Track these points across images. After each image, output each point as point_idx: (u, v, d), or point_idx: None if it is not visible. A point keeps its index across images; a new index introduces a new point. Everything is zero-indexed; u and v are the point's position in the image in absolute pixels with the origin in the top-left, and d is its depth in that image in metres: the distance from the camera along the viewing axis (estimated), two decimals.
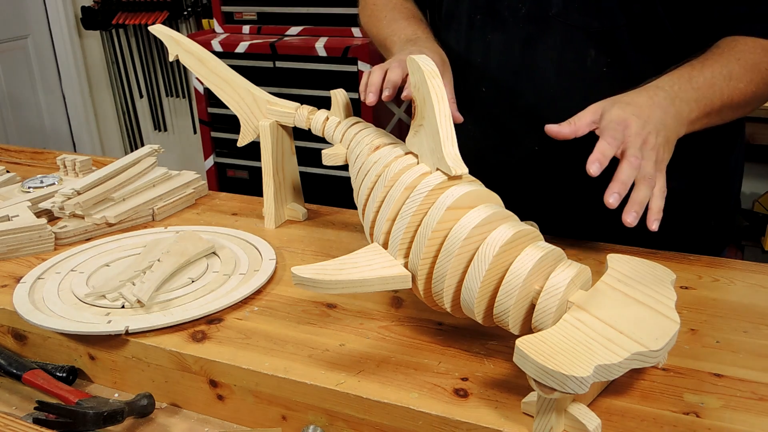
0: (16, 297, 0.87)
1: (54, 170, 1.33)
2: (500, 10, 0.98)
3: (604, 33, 0.92)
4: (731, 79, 0.82)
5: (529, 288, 0.66)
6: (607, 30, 0.92)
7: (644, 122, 0.74)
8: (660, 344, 0.59)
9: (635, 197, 0.70)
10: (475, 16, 1.02)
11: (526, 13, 0.96)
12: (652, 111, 0.76)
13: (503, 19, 0.98)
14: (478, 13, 1.01)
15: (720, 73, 0.82)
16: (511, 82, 1.00)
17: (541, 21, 0.95)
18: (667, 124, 0.76)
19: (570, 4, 0.93)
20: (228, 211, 1.16)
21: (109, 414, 0.71)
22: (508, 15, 0.98)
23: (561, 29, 0.94)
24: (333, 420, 0.71)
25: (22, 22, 3.37)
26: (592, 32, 0.92)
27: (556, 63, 0.96)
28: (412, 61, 0.77)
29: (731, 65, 0.83)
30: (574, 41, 0.94)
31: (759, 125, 2.13)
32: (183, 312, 0.82)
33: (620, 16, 0.90)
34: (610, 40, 0.92)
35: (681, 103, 0.79)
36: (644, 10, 0.89)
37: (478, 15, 1.01)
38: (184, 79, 3.37)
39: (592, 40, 0.93)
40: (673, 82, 0.80)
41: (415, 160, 0.80)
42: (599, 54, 0.93)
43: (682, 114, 0.78)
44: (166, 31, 1.08)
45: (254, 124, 1.07)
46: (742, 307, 0.82)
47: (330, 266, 0.71)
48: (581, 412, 0.61)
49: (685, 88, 0.80)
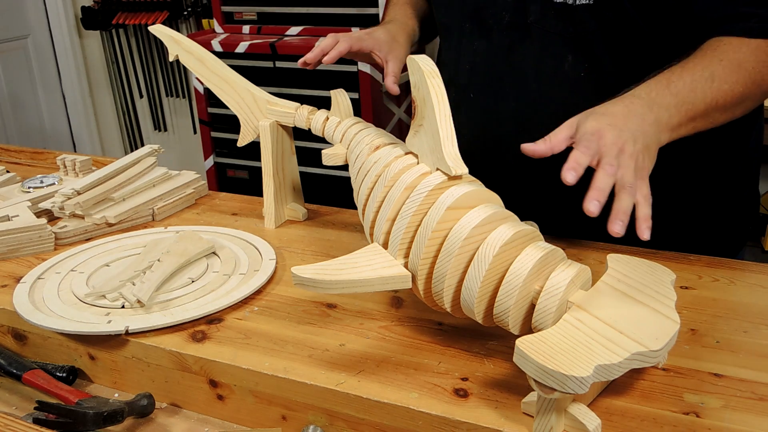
0: (16, 297, 0.87)
1: (54, 170, 1.33)
2: (486, 19, 1.02)
3: (580, 38, 0.94)
4: (714, 81, 0.80)
5: (529, 288, 0.66)
6: (581, 35, 0.93)
7: (620, 131, 0.73)
8: (660, 344, 0.59)
9: (618, 207, 0.69)
10: (464, 25, 1.05)
11: (508, 21, 0.99)
12: (628, 120, 0.75)
13: (489, 27, 1.02)
14: (466, 23, 1.05)
15: (701, 76, 0.80)
16: (496, 88, 1.03)
17: (522, 28, 0.98)
18: (645, 131, 0.75)
19: (547, 11, 0.94)
20: (228, 211, 1.16)
21: (109, 414, 0.71)
22: (492, 23, 1.01)
23: (540, 36, 0.96)
24: (333, 420, 0.71)
25: (22, 22, 3.37)
26: (568, 38, 0.94)
27: (535, 68, 0.98)
28: (412, 61, 0.77)
29: (713, 67, 0.81)
30: (552, 47, 0.96)
31: None
32: (183, 312, 0.82)
33: (591, 21, 0.92)
34: (586, 45, 0.94)
35: (659, 109, 0.77)
36: (617, 15, 0.90)
37: (467, 24, 1.05)
38: (184, 79, 3.37)
39: (569, 45, 0.95)
40: (651, 89, 0.79)
41: (415, 160, 0.80)
42: (577, 59, 0.95)
43: (662, 120, 0.77)
44: (166, 31, 1.08)
45: (254, 124, 1.07)
46: (742, 307, 0.82)
47: (330, 266, 0.71)
48: (581, 412, 0.61)
49: (663, 93, 0.79)
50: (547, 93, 0.98)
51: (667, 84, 0.80)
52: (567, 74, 0.96)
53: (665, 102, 0.78)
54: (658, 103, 0.78)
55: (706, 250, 0.96)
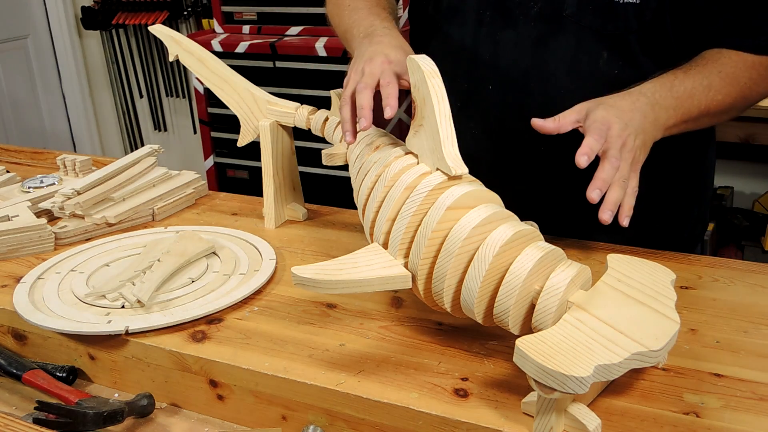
0: (16, 297, 0.87)
1: (54, 170, 1.33)
2: (511, 8, 0.98)
3: (617, 36, 0.94)
4: (710, 90, 0.87)
5: (529, 288, 0.66)
6: (620, 33, 0.93)
7: (625, 125, 0.79)
8: (660, 344, 0.59)
9: (610, 198, 0.76)
10: (485, 12, 1.00)
11: (538, 12, 0.96)
12: (633, 115, 0.81)
13: (514, 17, 0.98)
14: (487, 10, 1.00)
15: (700, 84, 0.87)
16: (520, 82, 0.99)
17: (554, 21, 0.95)
18: (645, 129, 0.81)
19: (584, 6, 0.93)
20: (228, 211, 1.16)
21: (109, 414, 0.71)
22: (519, 13, 0.98)
23: (574, 30, 0.95)
24: (333, 420, 0.71)
25: (22, 22, 3.37)
26: (605, 35, 0.94)
27: (568, 64, 0.96)
28: (411, 61, 0.77)
29: (712, 77, 0.88)
30: (587, 43, 0.95)
31: (759, 125, 2.13)
32: (183, 312, 0.82)
33: (633, 21, 0.92)
34: (622, 43, 0.94)
35: (660, 109, 0.84)
36: (654, 18, 0.92)
37: (488, 11, 1.00)
38: (184, 79, 3.37)
39: (605, 42, 0.94)
40: (656, 90, 0.85)
41: (415, 160, 0.80)
42: (611, 56, 0.95)
43: (660, 120, 0.84)
44: (166, 31, 1.08)
45: (254, 124, 1.07)
46: (742, 307, 0.82)
47: (330, 266, 0.70)
48: (581, 412, 0.61)
49: (666, 96, 0.85)
50: (578, 89, 0.95)
51: (671, 87, 0.86)
52: (601, 72, 0.95)
53: (666, 104, 0.84)
54: (660, 103, 0.84)
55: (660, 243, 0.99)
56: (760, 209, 2.45)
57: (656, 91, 0.85)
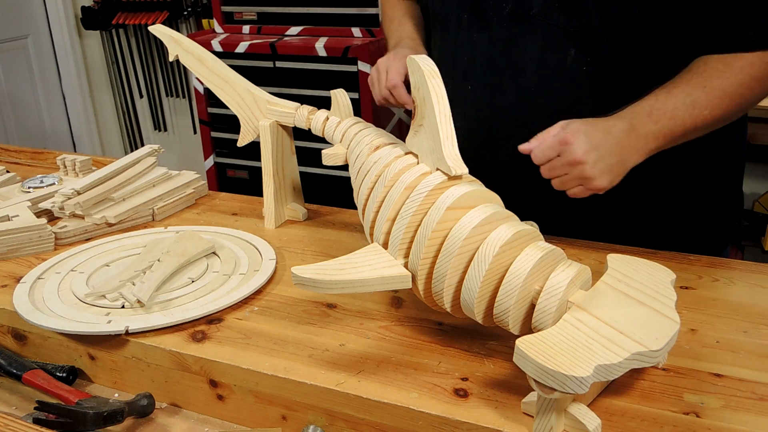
0: (16, 297, 0.87)
1: (54, 170, 1.33)
2: (485, 10, 1.01)
3: (584, 32, 0.93)
4: (695, 108, 0.85)
5: (529, 288, 0.66)
6: (586, 29, 0.93)
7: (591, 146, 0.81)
8: (660, 344, 0.59)
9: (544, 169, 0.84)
10: (463, 15, 1.04)
11: (509, 12, 0.98)
12: (605, 137, 0.83)
13: (488, 18, 1.01)
14: (465, 13, 1.04)
15: (683, 103, 0.85)
16: (495, 81, 1.02)
17: (524, 20, 0.97)
18: (616, 152, 0.83)
19: (550, 4, 0.94)
20: (228, 211, 1.16)
21: (109, 414, 0.71)
22: (492, 14, 1.00)
23: (542, 28, 0.96)
24: (333, 420, 0.71)
25: (22, 22, 3.37)
26: (571, 31, 0.94)
27: (536, 62, 0.98)
28: (412, 61, 0.77)
29: (696, 94, 0.86)
30: (554, 40, 0.96)
31: (759, 125, 2.13)
32: (183, 312, 0.82)
33: (596, 16, 0.92)
34: (589, 39, 0.94)
35: (637, 137, 0.84)
36: (621, 12, 0.91)
37: (465, 15, 1.04)
38: (184, 79, 3.37)
39: (572, 39, 0.94)
40: (634, 115, 0.85)
41: (415, 160, 0.80)
42: (579, 53, 0.95)
43: (637, 146, 0.84)
44: (166, 31, 1.08)
45: (254, 124, 1.07)
46: (742, 307, 0.82)
47: (330, 266, 0.71)
48: (581, 412, 0.61)
49: (644, 122, 0.85)
50: (548, 87, 0.98)
51: (650, 111, 0.86)
52: (569, 68, 0.96)
53: (645, 130, 0.85)
54: (637, 130, 0.85)
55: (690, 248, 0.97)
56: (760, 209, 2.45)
57: (634, 117, 0.85)
